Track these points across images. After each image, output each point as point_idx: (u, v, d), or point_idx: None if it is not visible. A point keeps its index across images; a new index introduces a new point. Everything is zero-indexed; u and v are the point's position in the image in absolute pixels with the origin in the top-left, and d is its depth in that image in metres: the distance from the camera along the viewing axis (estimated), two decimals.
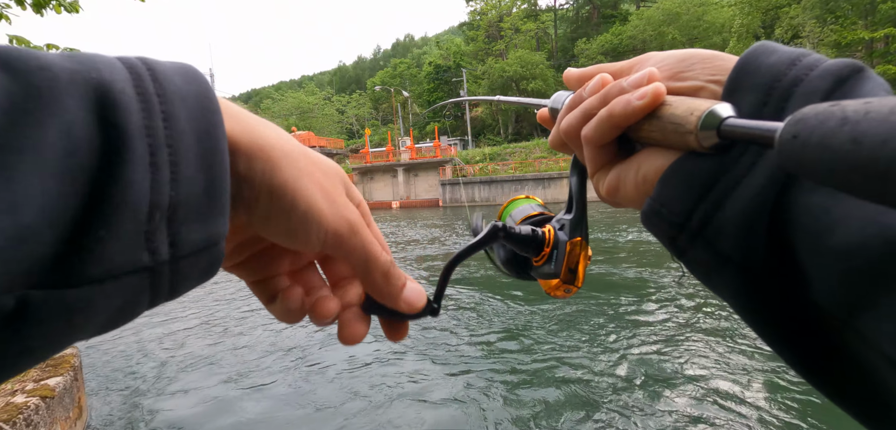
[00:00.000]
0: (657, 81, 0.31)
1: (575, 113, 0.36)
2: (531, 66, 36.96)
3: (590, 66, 0.40)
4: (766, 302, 0.27)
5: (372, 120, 64.67)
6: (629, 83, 0.32)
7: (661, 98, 0.30)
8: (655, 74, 0.32)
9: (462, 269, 10.05)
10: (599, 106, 0.33)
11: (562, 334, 5.50)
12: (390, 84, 60.00)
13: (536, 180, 30.15)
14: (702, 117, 0.27)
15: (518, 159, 33.76)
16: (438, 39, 79.42)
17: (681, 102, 0.29)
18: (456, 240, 14.45)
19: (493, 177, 31.81)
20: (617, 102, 0.32)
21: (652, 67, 0.32)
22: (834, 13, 23.08)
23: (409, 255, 12.44)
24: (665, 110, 0.30)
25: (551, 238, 0.42)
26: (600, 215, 19.64)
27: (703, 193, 0.27)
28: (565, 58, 44.17)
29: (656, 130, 0.30)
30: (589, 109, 0.34)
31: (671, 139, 0.29)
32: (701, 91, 0.31)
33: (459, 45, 53.42)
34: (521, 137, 41.40)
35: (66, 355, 3.98)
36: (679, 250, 0.30)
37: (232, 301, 8.38)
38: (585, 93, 0.36)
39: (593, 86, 0.35)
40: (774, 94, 0.27)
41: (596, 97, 0.34)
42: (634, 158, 0.33)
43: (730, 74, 0.29)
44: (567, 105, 0.38)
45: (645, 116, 0.31)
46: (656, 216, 0.30)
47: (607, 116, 0.32)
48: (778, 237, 0.25)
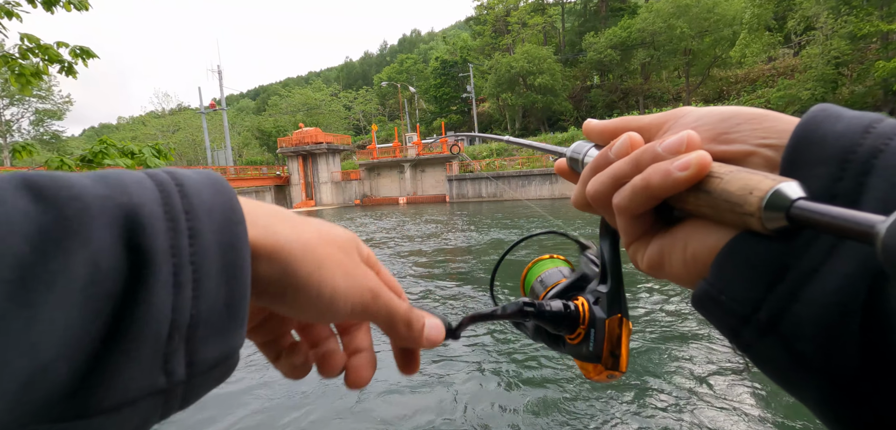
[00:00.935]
0: (698, 146, 0.28)
1: (603, 177, 0.32)
2: (538, 60, 36.65)
3: (614, 119, 0.36)
4: (864, 419, 0.22)
5: (379, 116, 64.80)
6: (665, 149, 0.28)
7: (706, 169, 0.26)
8: (695, 138, 0.28)
9: (460, 265, 10.05)
10: (631, 172, 0.30)
11: None
12: (397, 80, 59.98)
13: (543, 176, 30.02)
14: (766, 198, 0.23)
15: (525, 155, 33.65)
16: (445, 34, 79.30)
17: (733, 174, 0.25)
18: (460, 236, 14.43)
19: (499, 172, 31.73)
20: (654, 172, 0.28)
21: (690, 130, 0.28)
22: (849, 4, 22.60)
23: (416, 247, 12.45)
24: (714, 184, 0.26)
25: (586, 313, 0.39)
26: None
27: (772, 282, 0.24)
28: (573, 52, 43.81)
29: (704, 205, 0.27)
30: (619, 175, 0.31)
31: (724, 217, 0.26)
32: (751, 157, 0.27)
33: (466, 40, 53.21)
34: (529, 132, 41.20)
35: None
36: (743, 344, 0.26)
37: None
38: (612, 154, 0.32)
39: (621, 147, 0.32)
40: (850, 168, 0.23)
41: (626, 162, 0.30)
42: (678, 231, 0.29)
43: (789, 142, 0.26)
44: (592, 165, 0.34)
45: (689, 188, 0.27)
46: (713, 304, 0.27)
47: (643, 187, 0.28)
48: (877, 339, 0.21)
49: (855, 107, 5.63)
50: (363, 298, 0.29)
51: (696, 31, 30.93)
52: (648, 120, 0.34)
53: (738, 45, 29.22)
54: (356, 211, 30.62)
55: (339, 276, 0.28)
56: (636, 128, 0.34)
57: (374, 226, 19.38)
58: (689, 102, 33.19)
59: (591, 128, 0.38)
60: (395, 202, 36.16)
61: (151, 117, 65.00)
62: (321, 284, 0.27)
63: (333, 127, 54.73)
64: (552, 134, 35.99)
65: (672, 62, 34.57)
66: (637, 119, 0.35)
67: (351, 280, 0.29)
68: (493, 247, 11.74)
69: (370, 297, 0.30)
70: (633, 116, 0.36)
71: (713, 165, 0.27)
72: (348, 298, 0.28)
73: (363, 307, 0.30)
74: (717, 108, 0.31)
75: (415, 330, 0.33)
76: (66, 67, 3.96)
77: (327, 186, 39.14)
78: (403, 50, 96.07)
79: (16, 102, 42.27)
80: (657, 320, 5.66)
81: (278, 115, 58.57)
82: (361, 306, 0.29)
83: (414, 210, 27.82)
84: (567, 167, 0.40)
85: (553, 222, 16.19)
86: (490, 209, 24.21)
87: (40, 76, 3.90)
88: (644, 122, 0.34)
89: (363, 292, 0.29)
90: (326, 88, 68.58)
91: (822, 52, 22.79)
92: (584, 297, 0.40)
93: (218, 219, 0.22)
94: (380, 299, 0.30)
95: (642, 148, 0.30)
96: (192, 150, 54.03)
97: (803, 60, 24.85)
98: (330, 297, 0.27)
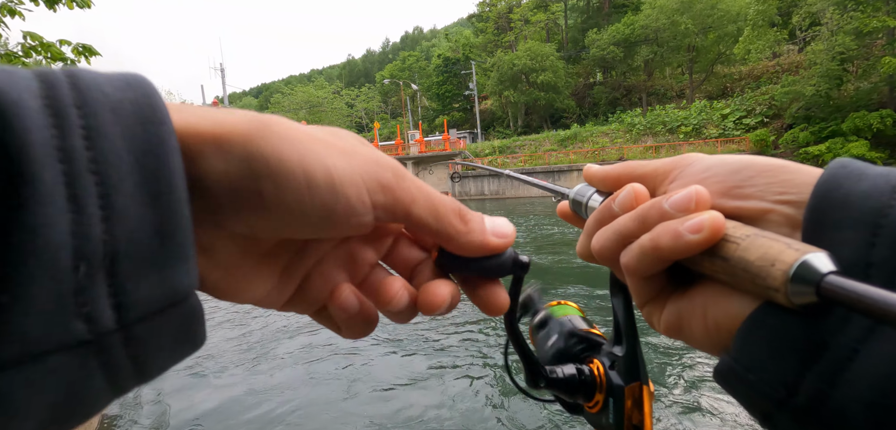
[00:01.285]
0: (707, 204, 0.26)
1: (608, 233, 0.30)
2: (541, 57, 36.52)
3: (616, 165, 0.34)
4: None
5: (381, 113, 64.78)
6: (673, 206, 0.26)
7: (720, 232, 0.24)
8: (704, 195, 0.26)
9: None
10: (638, 229, 0.28)
11: None
12: (399, 77, 59.93)
13: (546, 173, 29.97)
14: (792, 271, 0.21)
15: (528, 152, 33.56)
16: (447, 32, 79.10)
17: (751, 240, 0.23)
18: None
19: (502, 170, 31.62)
20: (664, 232, 0.25)
21: (698, 186, 0.26)
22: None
23: None
24: (730, 249, 0.24)
25: (602, 379, 0.35)
26: None
27: (807, 362, 0.21)
28: (576, 49, 43.64)
29: (721, 271, 0.24)
30: (625, 232, 0.28)
31: (744, 286, 0.24)
32: (768, 215, 0.25)
33: (469, 38, 53.06)
34: (531, 130, 41.09)
35: None
36: (776, 428, 0.23)
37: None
38: (617, 207, 0.30)
39: (625, 200, 0.29)
40: (883, 233, 0.21)
41: (632, 218, 0.28)
42: (696, 294, 0.27)
43: (810, 204, 0.23)
44: (596, 218, 0.32)
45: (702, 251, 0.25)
46: (739, 382, 0.24)
47: (652, 249, 0.26)
48: None
49: (860, 103, 5.60)
50: (381, 177, 0.23)
51: (700, 27, 30.73)
52: (653, 168, 0.32)
53: (742, 41, 29.03)
54: None
55: (332, 154, 0.22)
56: (639, 177, 0.32)
57: None
58: (693, 99, 33.08)
59: (592, 174, 0.36)
60: None
61: None
62: (306, 163, 0.21)
63: (336, 124, 54.40)
64: (555, 131, 35.85)
65: (676, 59, 34.37)
66: (641, 166, 0.33)
67: (353, 158, 0.22)
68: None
69: (392, 176, 0.23)
70: (637, 162, 0.33)
71: (728, 227, 0.24)
72: (356, 180, 0.22)
73: (383, 190, 0.23)
74: (727, 157, 0.29)
75: (473, 223, 0.26)
76: (69, 65, 3.97)
77: None
78: (406, 47, 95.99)
79: None
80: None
81: (281, 112, 58.38)
82: (381, 187, 0.23)
83: None
84: (570, 211, 0.38)
85: (562, 230, 16.21)
86: (492, 206, 24.20)
87: None
88: (648, 169, 0.32)
89: (378, 170, 0.23)
90: (329, 86, 68.52)
91: (827, 48, 22.59)
92: (599, 359, 0.36)
93: (128, 118, 0.17)
94: (407, 179, 0.24)
95: (648, 204, 0.28)
96: None
97: (808, 57, 24.64)
98: (327, 180, 0.21)
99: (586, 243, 0.32)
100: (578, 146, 32.30)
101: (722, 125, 28.06)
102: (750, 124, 27.06)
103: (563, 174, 29.47)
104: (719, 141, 26.48)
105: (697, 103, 30.61)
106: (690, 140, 28.14)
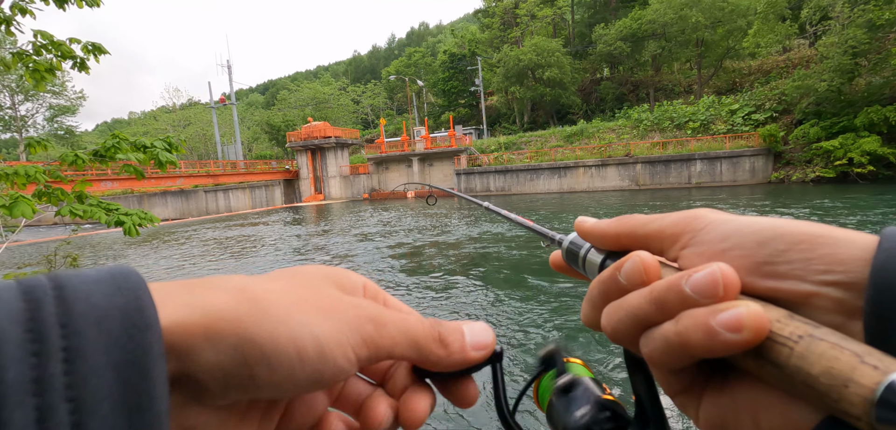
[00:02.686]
0: (737, 287, 0.22)
1: (619, 314, 0.26)
2: (547, 53, 36.30)
3: (611, 221, 0.30)
4: None
5: (387, 110, 64.88)
6: (695, 290, 0.22)
7: (765, 333, 0.20)
8: (731, 277, 0.21)
9: (467, 254, 10.04)
10: (655, 314, 0.24)
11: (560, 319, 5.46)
12: (405, 73, 59.87)
13: (552, 169, 29.84)
14: (877, 396, 0.16)
15: (533, 148, 33.42)
16: (453, 27, 78.83)
17: (807, 345, 0.19)
18: (472, 229, 14.41)
19: (508, 166, 31.62)
20: (692, 327, 0.21)
21: (723, 266, 0.22)
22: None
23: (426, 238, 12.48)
24: (784, 355, 0.19)
25: None
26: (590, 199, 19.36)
27: None
28: (582, 44, 43.32)
29: (770, 377, 0.21)
30: (640, 316, 0.24)
31: (804, 398, 0.19)
32: (812, 301, 0.21)
33: (474, 33, 52.86)
34: (537, 126, 40.92)
35: None
36: None
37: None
38: (624, 279, 0.26)
39: (632, 274, 0.25)
40: None
41: (645, 299, 0.24)
42: (739, 391, 0.23)
43: (871, 294, 0.19)
44: (601, 289, 0.27)
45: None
46: None
47: (680, 346, 0.22)
48: None
49: (873, 98, 5.50)
50: (362, 332, 0.23)
51: (710, 21, 30.36)
52: (657, 227, 0.28)
53: (751, 34, 28.65)
54: (364, 205, 30.72)
55: (317, 319, 0.22)
56: (643, 237, 0.28)
57: (385, 216, 19.45)
58: (701, 94, 32.71)
59: (586, 229, 0.32)
60: (403, 196, 36.25)
61: (162, 112, 65.63)
62: (296, 338, 0.21)
63: (342, 121, 54.89)
64: (561, 128, 35.67)
65: (684, 54, 34.03)
66: (642, 225, 0.28)
67: (336, 317, 0.23)
68: (500, 239, 11.72)
69: (372, 327, 0.23)
70: (637, 219, 0.29)
71: (772, 320, 0.20)
72: (341, 341, 0.22)
73: (367, 345, 0.23)
74: (748, 222, 0.24)
75: (454, 342, 0.26)
76: (79, 63, 4.01)
77: (336, 179, 39.33)
78: (411, 43, 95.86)
79: (30, 97, 43.01)
80: None
81: (287, 109, 58.84)
82: (364, 343, 0.23)
83: (421, 204, 27.86)
84: (563, 262, 0.34)
85: (561, 216, 16.07)
86: (498, 203, 24.07)
87: (54, 72, 3.96)
88: (651, 229, 0.28)
89: (359, 324, 0.23)
90: (335, 82, 68.62)
91: (838, 41, 22.24)
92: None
93: (115, 328, 0.16)
94: (386, 325, 0.24)
95: (664, 284, 0.23)
96: (203, 144, 54.55)
97: (819, 51, 24.26)
98: (316, 350, 0.21)
99: (593, 314, 0.28)
100: (585, 142, 32.11)
101: (730, 121, 27.75)
102: (759, 120, 26.73)
103: (570, 170, 29.32)
104: (728, 137, 26.20)
105: (705, 99, 30.28)
106: (698, 136, 27.86)
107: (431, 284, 7.97)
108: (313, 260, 11.40)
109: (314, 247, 13.61)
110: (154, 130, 55.67)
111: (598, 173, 28.67)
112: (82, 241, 20.15)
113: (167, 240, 17.70)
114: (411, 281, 8.35)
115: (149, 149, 4.10)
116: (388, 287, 8.02)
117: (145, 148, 4.12)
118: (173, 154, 4.20)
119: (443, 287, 7.68)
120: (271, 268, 0.32)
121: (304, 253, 12.71)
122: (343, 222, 19.91)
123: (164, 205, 32.99)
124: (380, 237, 14.35)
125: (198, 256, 13.33)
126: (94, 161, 4.04)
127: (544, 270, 7.91)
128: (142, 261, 13.01)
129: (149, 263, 12.57)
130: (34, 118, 44.66)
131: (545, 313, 5.88)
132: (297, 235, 16.86)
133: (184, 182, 32.77)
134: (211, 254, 13.52)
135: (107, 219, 4.01)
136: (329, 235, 16.19)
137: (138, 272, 0.18)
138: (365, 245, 12.86)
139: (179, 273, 10.90)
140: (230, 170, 35.63)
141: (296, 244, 14.44)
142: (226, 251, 13.86)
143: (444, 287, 7.67)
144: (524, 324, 5.60)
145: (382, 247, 12.28)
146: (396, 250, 11.68)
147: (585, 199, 23.53)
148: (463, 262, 9.58)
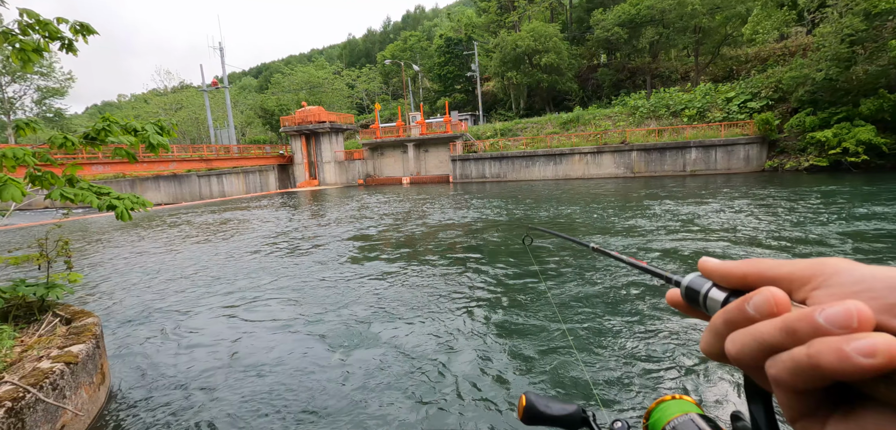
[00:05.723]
0: (871, 324, 0.23)
1: (746, 339, 0.27)
2: (545, 38, 35.98)
3: (740, 262, 0.31)
4: None
5: (382, 95, 64.22)
6: (829, 321, 0.23)
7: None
8: (866, 313, 0.23)
9: (469, 250, 10.05)
10: (785, 341, 0.25)
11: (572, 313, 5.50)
12: (400, 58, 59.22)
13: (548, 156, 29.82)
14: None
15: (530, 135, 33.32)
16: (450, 11, 77.90)
17: None
18: (472, 213, 14.38)
19: (503, 153, 31.55)
20: (825, 350, 0.23)
21: (859, 302, 0.23)
22: None
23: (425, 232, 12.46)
24: None
25: None
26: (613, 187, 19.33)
27: None
28: (580, 29, 42.96)
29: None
30: (769, 342, 0.26)
31: None
32: None
33: (471, 17, 52.26)
34: (534, 112, 40.75)
35: (88, 324, 4.12)
36: None
37: (250, 273, 8.53)
38: (752, 310, 0.27)
39: (763, 305, 0.27)
40: None
41: (775, 328, 0.25)
42: (867, 419, 0.24)
43: None
44: (727, 318, 0.29)
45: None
46: None
47: (810, 367, 0.23)
48: None
49: (870, 86, 5.45)
50: None
51: (708, 7, 30.14)
52: (787, 271, 0.29)
53: (750, 22, 28.50)
54: (360, 190, 30.57)
55: None
56: (771, 279, 0.29)
57: (385, 206, 19.35)
58: (698, 82, 32.65)
59: (710, 268, 0.33)
60: (398, 182, 36.12)
61: (154, 95, 64.58)
62: None
63: (336, 106, 54.37)
64: (557, 114, 35.53)
65: (682, 40, 33.84)
66: (772, 268, 0.30)
67: None
68: (505, 227, 11.72)
69: None
70: (767, 262, 0.30)
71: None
72: None
73: None
74: (882, 270, 0.26)
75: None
76: (67, 44, 3.92)
77: (331, 165, 39.10)
78: (407, 27, 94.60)
79: (18, 79, 42.15)
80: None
81: (281, 93, 58.14)
82: None
83: (416, 190, 27.78)
84: (682, 300, 0.35)
85: (561, 211, 16.12)
86: (494, 190, 24.16)
87: (41, 53, 3.86)
88: (782, 272, 0.29)
89: None
90: (329, 66, 67.78)
91: (835, 30, 22.21)
92: None
93: None
94: None
95: (796, 315, 0.25)
96: (195, 128, 53.83)
97: (816, 39, 24.22)
98: None
99: (715, 342, 0.30)
100: (581, 129, 32.06)
101: (726, 109, 27.78)
102: (754, 108, 26.78)
103: (566, 157, 29.30)
104: (723, 124, 26.26)
105: (702, 86, 30.24)
106: (694, 124, 27.89)
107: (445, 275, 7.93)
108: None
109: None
110: (145, 114, 54.84)
111: (594, 160, 28.70)
112: (73, 225, 19.96)
113: (159, 226, 17.54)
114: (413, 271, 8.33)
115: (140, 132, 4.04)
116: (387, 283, 7.99)
117: (136, 131, 4.05)
118: (165, 137, 4.14)
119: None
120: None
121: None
122: (346, 209, 19.66)
123: (157, 189, 32.70)
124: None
125: (192, 235, 13.23)
126: (86, 144, 3.98)
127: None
128: (138, 245, 12.91)
129: (146, 245, 12.48)
130: (22, 100, 43.83)
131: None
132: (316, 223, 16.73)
133: (176, 167, 32.45)
134: (205, 234, 13.42)
135: (98, 203, 3.96)
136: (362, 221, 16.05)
137: None
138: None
139: (178, 259, 10.82)
140: (223, 154, 35.29)
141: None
142: (217, 233, 13.77)
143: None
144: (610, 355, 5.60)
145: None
146: (395, 240, 11.63)
147: (581, 186, 23.56)
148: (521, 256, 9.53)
